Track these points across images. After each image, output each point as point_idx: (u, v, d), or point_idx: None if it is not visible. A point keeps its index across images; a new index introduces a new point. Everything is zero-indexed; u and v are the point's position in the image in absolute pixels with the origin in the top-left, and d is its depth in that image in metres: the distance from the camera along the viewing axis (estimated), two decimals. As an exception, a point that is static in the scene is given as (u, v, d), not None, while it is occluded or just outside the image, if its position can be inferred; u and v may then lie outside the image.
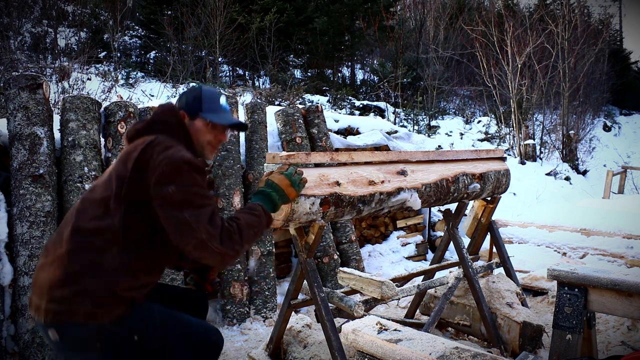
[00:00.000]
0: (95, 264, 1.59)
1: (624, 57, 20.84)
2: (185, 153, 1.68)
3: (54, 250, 1.65)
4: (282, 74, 11.96)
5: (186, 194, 1.61)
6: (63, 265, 1.59)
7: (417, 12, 16.12)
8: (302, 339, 2.60)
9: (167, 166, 1.62)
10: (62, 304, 1.55)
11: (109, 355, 1.59)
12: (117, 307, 1.59)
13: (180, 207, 1.59)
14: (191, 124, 1.88)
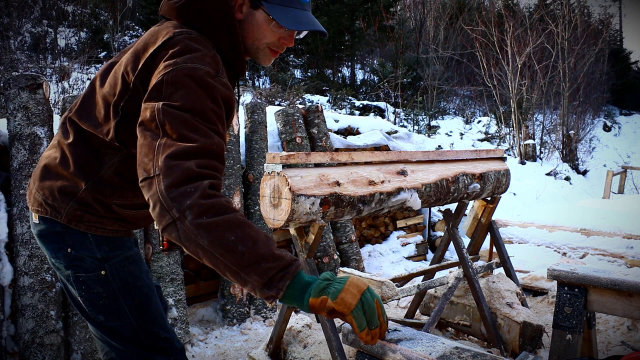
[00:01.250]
0: (92, 167, 1.36)
1: (624, 57, 20.84)
2: (207, 64, 1.22)
3: (58, 136, 1.43)
4: (282, 74, 11.95)
5: (172, 116, 1.14)
6: (60, 156, 1.38)
7: (417, 12, 16.13)
8: (302, 339, 2.60)
9: (168, 78, 1.18)
10: (50, 198, 1.37)
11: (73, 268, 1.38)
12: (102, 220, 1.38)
13: (156, 134, 1.14)
14: (250, 14, 1.36)
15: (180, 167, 1.07)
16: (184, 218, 1.04)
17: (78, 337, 2.73)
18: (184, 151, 1.09)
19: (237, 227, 1.06)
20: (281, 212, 2.04)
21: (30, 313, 2.60)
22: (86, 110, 1.38)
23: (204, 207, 1.05)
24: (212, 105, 1.18)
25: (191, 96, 1.16)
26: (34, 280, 2.63)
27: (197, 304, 3.61)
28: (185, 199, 1.05)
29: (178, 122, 1.13)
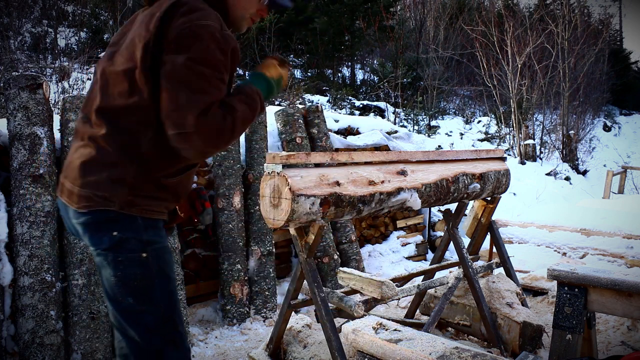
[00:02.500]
0: (135, 146, 1.43)
1: (624, 57, 20.83)
2: (214, 21, 1.42)
3: (84, 130, 1.50)
4: (282, 74, 11.93)
5: (192, 71, 1.36)
6: (96, 149, 1.44)
7: (417, 12, 16.12)
8: (302, 339, 2.60)
9: (185, 31, 1.37)
10: (100, 190, 1.41)
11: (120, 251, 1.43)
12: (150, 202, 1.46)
13: (179, 84, 1.36)
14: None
15: (206, 122, 1.36)
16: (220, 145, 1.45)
17: (78, 337, 2.73)
18: (205, 107, 1.36)
19: (238, 125, 1.44)
20: (281, 212, 2.04)
21: (30, 313, 2.60)
22: (109, 95, 1.46)
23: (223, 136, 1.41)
24: (221, 57, 1.41)
25: (205, 49, 1.37)
26: (34, 280, 2.63)
27: (197, 304, 3.61)
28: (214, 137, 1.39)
29: (197, 76, 1.37)
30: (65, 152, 2.89)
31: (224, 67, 1.43)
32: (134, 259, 1.44)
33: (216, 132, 1.39)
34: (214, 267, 3.68)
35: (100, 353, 2.76)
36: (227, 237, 3.51)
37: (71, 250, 2.80)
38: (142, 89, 1.42)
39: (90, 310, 2.75)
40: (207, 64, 1.38)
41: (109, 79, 1.47)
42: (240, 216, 3.58)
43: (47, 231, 2.71)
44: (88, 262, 2.79)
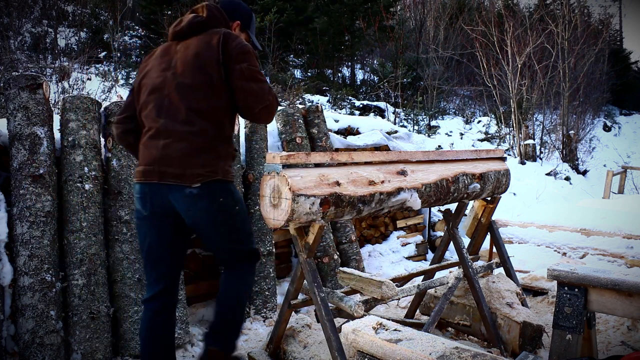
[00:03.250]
0: (222, 133, 2.14)
1: (624, 57, 20.83)
2: (247, 43, 2.24)
3: (175, 129, 2.09)
4: (282, 74, 11.95)
5: (253, 71, 2.13)
6: (196, 138, 2.07)
7: (417, 12, 16.12)
8: (302, 339, 2.60)
9: (241, 50, 2.14)
10: (207, 167, 2.06)
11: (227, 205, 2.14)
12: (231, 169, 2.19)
13: (249, 79, 2.11)
14: (239, 33, 2.44)
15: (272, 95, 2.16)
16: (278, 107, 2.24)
17: (78, 337, 2.73)
18: (268, 87, 2.15)
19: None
20: (281, 212, 2.04)
21: (30, 313, 2.60)
22: (192, 100, 2.11)
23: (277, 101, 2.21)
24: (256, 61, 2.20)
25: (253, 59, 2.16)
26: (34, 280, 2.63)
27: (197, 304, 3.61)
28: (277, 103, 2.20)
29: (256, 73, 2.14)
30: (65, 152, 2.89)
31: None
32: (239, 206, 2.19)
33: (276, 101, 2.19)
34: (214, 267, 3.68)
35: (100, 353, 2.76)
36: (227, 237, 3.51)
37: (71, 250, 2.80)
38: (220, 92, 2.11)
39: (90, 310, 2.75)
40: (256, 66, 2.16)
41: (187, 90, 2.11)
42: (240, 216, 3.58)
43: (47, 231, 2.71)
44: (88, 262, 2.79)
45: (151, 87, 2.18)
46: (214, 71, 2.09)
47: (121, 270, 2.93)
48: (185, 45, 2.18)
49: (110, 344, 2.84)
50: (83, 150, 2.89)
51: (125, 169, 3.02)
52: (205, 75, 2.10)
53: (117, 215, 2.97)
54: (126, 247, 2.95)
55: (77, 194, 2.84)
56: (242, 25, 2.45)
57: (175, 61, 2.16)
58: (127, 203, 2.99)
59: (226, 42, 2.13)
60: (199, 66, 2.10)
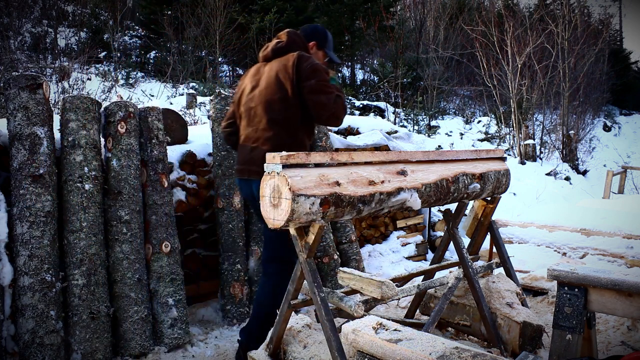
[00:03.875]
0: (295, 139, 2.63)
1: (624, 57, 20.84)
2: (318, 62, 2.70)
3: (258, 136, 2.67)
4: (282, 74, 11.93)
5: (321, 85, 2.58)
6: (273, 143, 2.60)
7: (417, 12, 16.12)
8: (302, 339, 2.60)
9: (311, 68, 2.60)
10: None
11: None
12: None
13: (318, 92, 2.57)
14: (316, 51, 2.93)
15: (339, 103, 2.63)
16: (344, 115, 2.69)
17: (78, 337, 2.73)
18: (334, 97, 2.60)
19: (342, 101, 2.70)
20: (281, 212, 2.04)
21: (30, 313, 2.60)
22: (273, 111, 2.65)
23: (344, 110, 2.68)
24: (326, 77, 2.65)
25: (321, 75, 2.61)
26: (34, 280, 2.63)
27: (197, 304, 3.61)
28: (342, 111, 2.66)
29: (324, 86, 2.59)
30: (65, 152, 2.89)
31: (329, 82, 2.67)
32: None
33: (343, 107, 2.66)
34: (214, 267, 3.68)
35: (100, 353, 2.76)
36: (227, 237, 3.51)
37: (71, 250, 2.80)
38: (294, 105, 2.61)
39: (90, 310, 2.75)
40: (325, 81, 2.61)
41: (269, 104, 2.65)
42: (240, 216, 3.58)
43: (47, 231, 2.71)
44: (88, 262, 2.79)
45: (244, 102, 2.78)
46: (288, 87, 2.61)
47: (121, 270, 2.93)
48: (269, 67, 2.73)
49: (110, 344, 2.84)
50: (83, 150, 2.89)
51: (125, 169, 3.02)
52: (282, 91, 2.62)
53: (117, 215, 2.97)
54: (126, 247, 2.95)
55: (77, 194, 2.84)
56: (318, 44, 2.94)
57: (262, 80, 2.72)
58: (127, 203, 2.99)
59: (299, 62, 2.62)
60: (278, 84, 2.64)
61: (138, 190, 3.08)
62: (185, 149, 3.68)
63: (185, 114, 7.76)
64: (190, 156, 3.67)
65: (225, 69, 13.72)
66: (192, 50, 12.06)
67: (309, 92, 2.57)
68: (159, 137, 3.24)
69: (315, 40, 2.95)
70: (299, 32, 2.91)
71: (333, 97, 2.59)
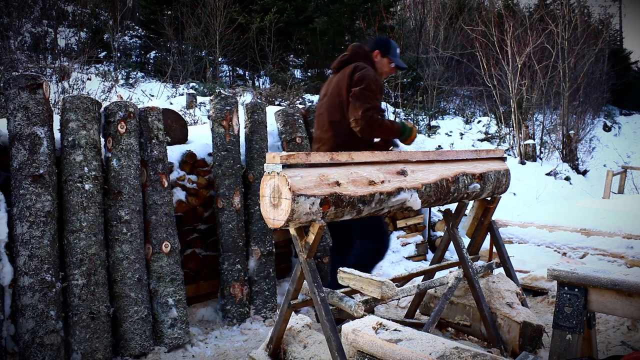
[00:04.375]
0: (349, 141, 3.02)
1: (624, 57, 20.83)
2: (371, 72, 3.07)
3: (322, 135, 3.16)
4: (282, 74, 11.96)
5: (364, 94, 2.95)
6: (331, 143, 3.08)
7: (417, 12, 16.12)
8: (302, 339, 2.60)
9: (360, 77, 3.00)
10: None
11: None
12: None
13: (358, 99, 2.94)
14: (380, 59, 3.28)
15: (365, 116, 2.93)
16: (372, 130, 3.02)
17: (78, 337, 2.73)
18: (369, 107, 2.94)
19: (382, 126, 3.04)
20: (281, 212, 2.04)
21: (30, 313, 2.60)
22: (332, 115, 3.11)
23: (373, 126, 2.98)
24: (374, 87, 3.00)
25: (367, 84, 2.97)
26: (34, 280, 2.63)
27: (197, 304, 3.61)
28: (368, 125, 2.96)
29: (364, 95, 2.96)
30: (65, 152, 2.89)
31: (378, 94, 3.03)
32: None
33: (368, 122, 2.94)
34: (214, 267, 3.68)
35: (100, 353, 2.76)
36: (227, 237, 3.51)
37: (71, 250, 2.80)
38: (346, 110, 3.02)
39: (90, 310, 2.75)
40: (368, 90, 2.97)
41: (331, 107, 3.11)
42: (240, 216, 3.58)
43: (47, 231, 2.71)
44: (88, 262, 2.79)
45: (316, 109, 3.34)
46: (344, 93, 3.03)
47: (121, 270, 2.93)
48: (336, 77, 3.17)
49: (110, 344, 2.84)
50: (83, 150, 2.89)
51: (125, 169, 3.02)
52: (340, 97, 3.06)
53: (117, 215, 2.97)
54: (126, 247, 2.95)
55: (77, 194, 2.84)
56: (381, 52, 3.28)
57: (329, 89, 3.19)
58: (127, 203, 2.99)
59: (353, 71, 3.05)
60: (338, 91, 3.08)
61: (138, 190, 3.08)
62: (185, 149, 3.68)
63: (185, 114, 7.76)
64: (190, 156, 3.67)
65: (225, 69, 13.71)
66: (192, 50, 12.06)
67: (351, 96, 2.97)
68: (159, 137, 3.24)
69: (379, 49, 3.27)
70: (366, 43, 3.33)
71: (366, 107, 2.91)
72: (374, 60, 3.27)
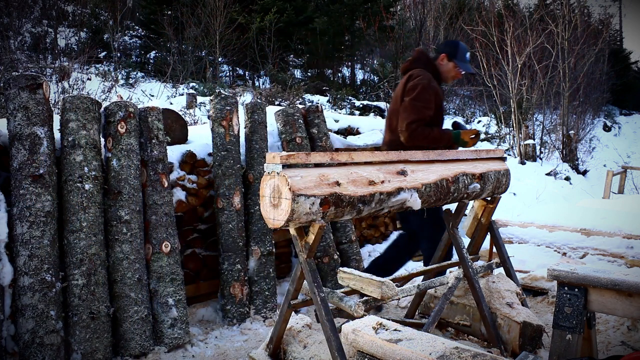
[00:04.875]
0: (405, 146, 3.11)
1: (624, 57, 20.84)
2: (424, 80, 3.10)
3: (386, 138, 3.37)
4: (282, 74, 11.96)
5: (411, 105, 3.06)
6: (388, 146, 3.27)
7: (417, 12, 16.11)
8: (302, 339, 2.60)
9: (410, 87, 3.08)
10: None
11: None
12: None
13: (405, 110, 3.07)
14: (446, 63, 3.26)
15: (409, 127, 3.08)
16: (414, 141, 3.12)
17: (78, 337, 2.73)
18: (413, 119, 3.06)
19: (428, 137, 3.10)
20: (281, 212, 2.04)
21: (30, 313, 2.60)
22: (392, 121, 3.27)
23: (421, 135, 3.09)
24: (426, 96, 3.07)
25: (417, 94, 3.07)
26: (34, 280, 2.63)
27: (197, 304, 3.61)
28: (411, 136, 3.10)
29: (412, 107, 3.06)
30: (65, 152, 2.89)
31: (428, 103, 3.09)
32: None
33: (411, 135, 3.08)
34: (214, 267, 3.68)
35: (100, 353, 2.76)
36: (227, 237, 3.51)
37: (71, 250, 2.80)
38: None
39: (90, 310, 2.75)
40: (417, 100, 3.06)
41: (391, 114, 3.27)
42: (240, 216, 3.58)
43: (47, 231, 2.71)
44: (88, 262, 2.79)
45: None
46: (399, 102, 3.17)
47: (121, 270, 2.93)
48: (400, 82, 3.29)
49: (110, 344, 2.84)
50: (83, 150, 2.89)
51: (125, 169, 3.02)
52: (396, 105, 3.21)
53: (117, 215, 2.97)
54: (126, 247, 2.95)
55: (77, 194, 2.84)
56: (448, 56, 3.25)
57: (395, 93, 3.34)
58: (127, 203, 2.99)
59: (408, 81, 3.14)
60: (395, 98, 3.25)
61: (138, 190, 3.08)
62: (185, 149, 3.68)
63: (185, 114, 7.76)
64: (190, 156, 3.67)
65: (225, 69, 13.72)
66: (192, 50, 12.06)
67: (401, 107, 3.14)
68: (159, 137, 3.24)
69: (446, 53, 3.25)
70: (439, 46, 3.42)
71: (411, 119, 3.05)
72: (440, 64, 3.27)
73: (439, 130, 3.12)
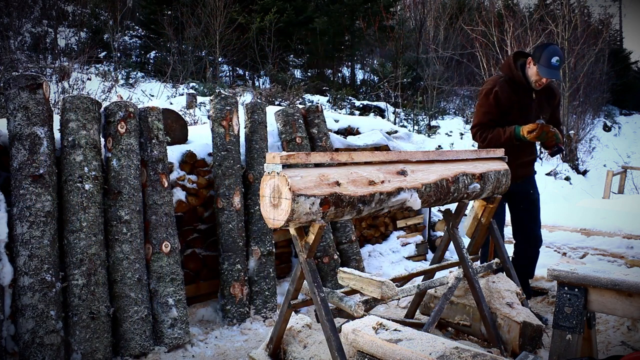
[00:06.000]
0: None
1: (624, 57, 20.83)
2: (487, 85, 3.36)
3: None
4: (282, 74, 11.96)
5: (475, 111, 3.44)
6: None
7: (417, 12, 16.12)
8: (302, 339, 2.60)
9: (478, 93, 3.43)
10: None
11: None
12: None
13: (473, 115, 3.54)
14: (532, 67, 3.24)
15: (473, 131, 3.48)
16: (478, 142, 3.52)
17: (78, 337, 2.73)
18: (473, 125, 3.45)
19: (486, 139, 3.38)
20: (281, 212, 2.04)
21: (30, 313, 2.60)
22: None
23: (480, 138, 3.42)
24: (483, 102, 3.34)
25: (480, 100, 3.41)
26: (34, 280, 2.63)
27: (197, 304, 3.61)
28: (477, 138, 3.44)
29: (476, 112, 3.47)
30: (65, 152, 2.89)
31: (489, 107, 3.31)
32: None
33: (474, 139, 3.43)
34: (214, 267, 3.68)
35: (100, 353, 2.76)
36: (227, 237, 3.51)
37: (71, 250, 2.80)
38: None
39: (90, 310, 2.75)
40: (478, 106, 3.40)
41: None
42: (240, 216, 3.58)
43: (47, 231, 2.71)
44: (88, 262, 2.79)
45: None
46: None
47: (121, 270, 2.93)
48: None
49: (110, 344, 2.84)
50: (83, 150, 2.89)
51: (125, 169, 3.02)
52: None
53: (117, 215, 2.97)
54: (126, 247, 2.95)
55: (77, 194, 2.84)
56: (533, 60, 3.24)
57: None
58: (127, 203, 2.99)
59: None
60: None
61: (138, 190, 3.08)
62: (185, 149, 3.68)
63: (185, 114, 7.76)
64: (190, 156, 3.67)
65: (225, 69, 13.72)
66: (192, 50, 12.06)
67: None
68: (159, 137, 3.24)
69: (532, 56, 3.25)
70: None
71: (472, 124, 3.42)
72: (527, 68, 3.29)
73: (500, 129, 3.24)
